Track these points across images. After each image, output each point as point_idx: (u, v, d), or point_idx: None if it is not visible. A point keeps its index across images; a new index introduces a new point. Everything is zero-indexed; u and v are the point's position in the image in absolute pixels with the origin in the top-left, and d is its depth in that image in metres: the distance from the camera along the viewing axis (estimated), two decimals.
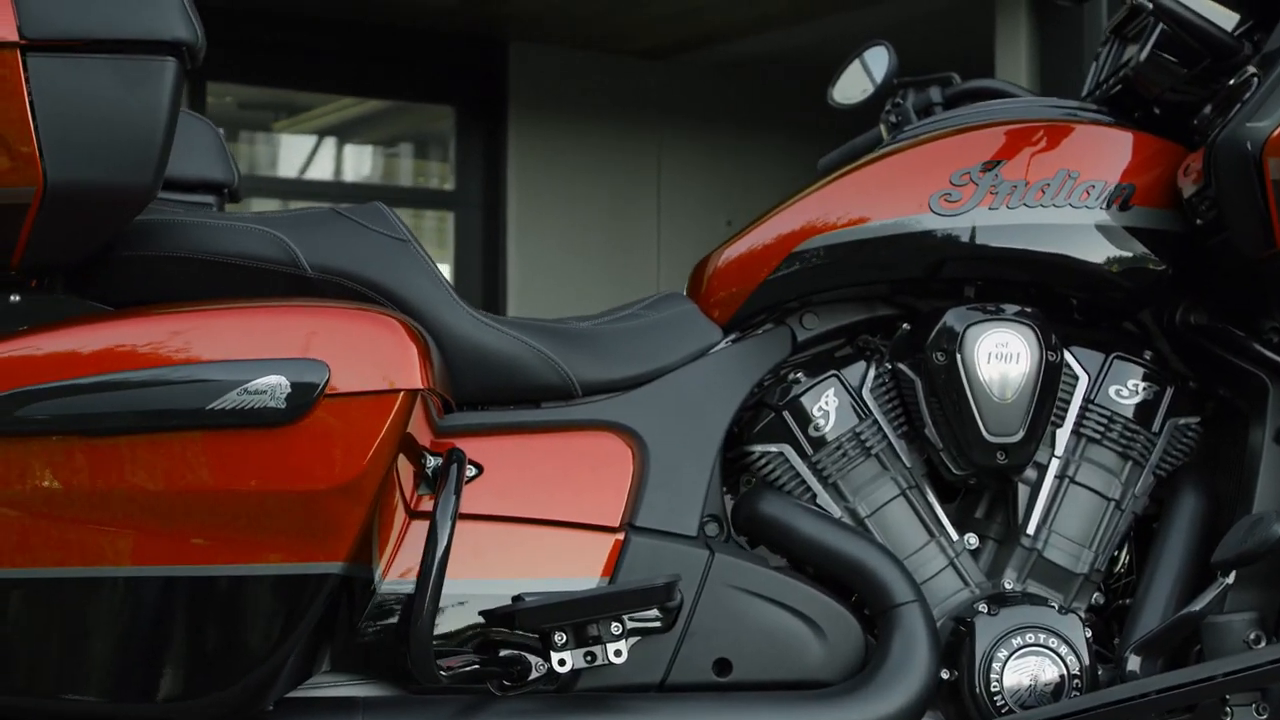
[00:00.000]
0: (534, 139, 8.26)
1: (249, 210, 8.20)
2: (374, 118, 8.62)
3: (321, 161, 8.69)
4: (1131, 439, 2.33)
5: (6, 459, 1.91)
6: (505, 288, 8.16)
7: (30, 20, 1.96)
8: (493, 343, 2.20)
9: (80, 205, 2.00)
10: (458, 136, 8.33)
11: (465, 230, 8.28)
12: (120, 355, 1.94)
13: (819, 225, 2.32)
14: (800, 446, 2.29)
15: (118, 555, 1.92)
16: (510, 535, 2.17)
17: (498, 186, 8.24)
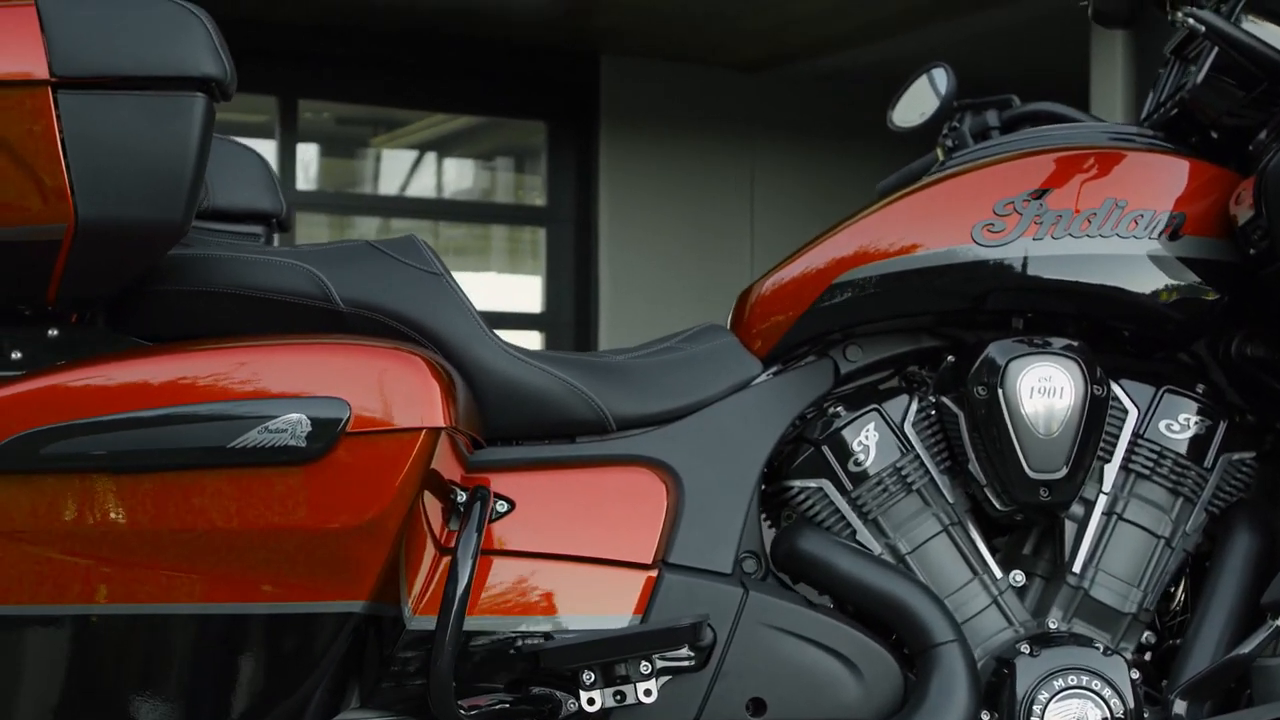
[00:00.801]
0: (626, 153, 8.25)
1: (350, 226, 8.28)
2: (467, 133, 8.66)
3: (414, 177, 8.74)
4: (1182, 475, 2.27)
5: (31, 496, 1.92)
6: (597, 304, 8.16)
7: (61, 58, 1.97)
8: (525, 377, 2.19)
9: (111, 241, 2.01)
10: (550, 151, 8.34)
11: (557, 246, 8.29)
12: (142, 393, 1.94)
13: (860, 256, 2.29)
14: (840, 482, 2.25)
15: (139, 593, 1.93)
16: (542, 572, 2.15)
17: (589, 201, 8.24)
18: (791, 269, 2.33)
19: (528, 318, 8.32)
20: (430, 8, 7.37)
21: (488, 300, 8.34)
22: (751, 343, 2.31)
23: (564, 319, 8.26)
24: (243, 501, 1.92)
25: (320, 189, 8.23)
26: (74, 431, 1.92)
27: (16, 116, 1.96)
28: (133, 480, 1.92)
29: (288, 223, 2.69)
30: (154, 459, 1.92)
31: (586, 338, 8.19)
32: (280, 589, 1.94)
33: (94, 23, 1.99)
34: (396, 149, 8.68)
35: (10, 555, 1.92)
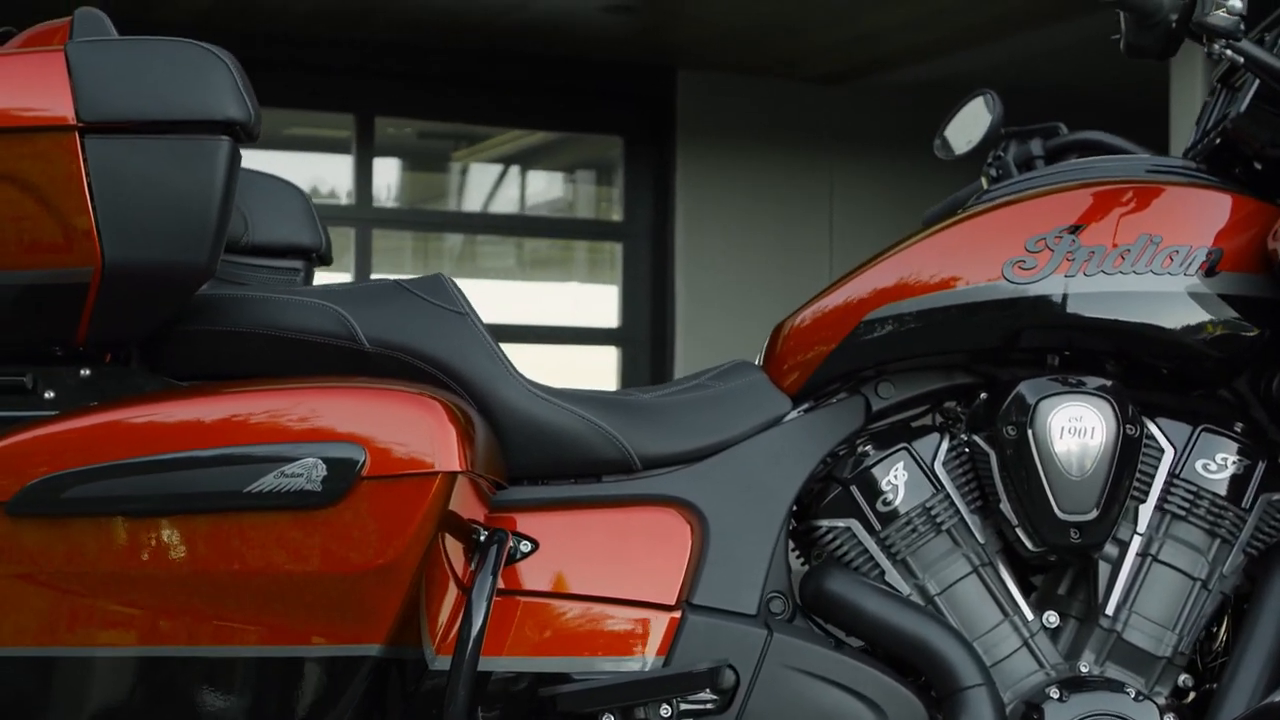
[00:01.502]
0: (703, 167, 8.24)
1: (428, 242, 8.32)
2: (544, 149, 8.68)
3: (490, 193, 8.77)
4: (1220, 516, 2.23)
5: (53, 539, 1.94)
6: (673, 319, 8.14)
7: (88, 104, 2.00)
8: (549, 417, 2.18)
9: (138, 284, 2.03)
10: (626, 166, 8.34)
11: (633, 261, 8.28)
12: (160, 437, 1.96)
13: (890, 292, 2.26)
14: (868, 521, 2.23)
15: (159, 636, 1.94)
16: (564, 612, 2.15)
17: (666, 216, 8.23)
18: (821, 305, 2.31)
19: (604, 333, 8.32)
20: (507, 24, 7.39)
21: (563, 315, 8.35)
22: (782, 380, 2.30)
23: (640, 335, 8.25)
24: (259, 545, 1.94)
25: (396, 205, 8.28)
26: (94, 476, 1.94)
27: (45, 161, 1.99)
28: (151, 524, 1.94)
29: (328, 256, 2.70)
30: (172, 503, 1.94)
31: (662, 354, 8.18)
32: (297, 632, 1.95)
33: (120, 68, 2.02)
34: (472, 165, 8.72)
35: (33, 597, 1.94)
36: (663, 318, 8.21)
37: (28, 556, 1.94)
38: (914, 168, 8.56)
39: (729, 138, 8.29)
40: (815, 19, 7.49)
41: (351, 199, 7.86)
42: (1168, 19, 2.20)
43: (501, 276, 8.54)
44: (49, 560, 1.94)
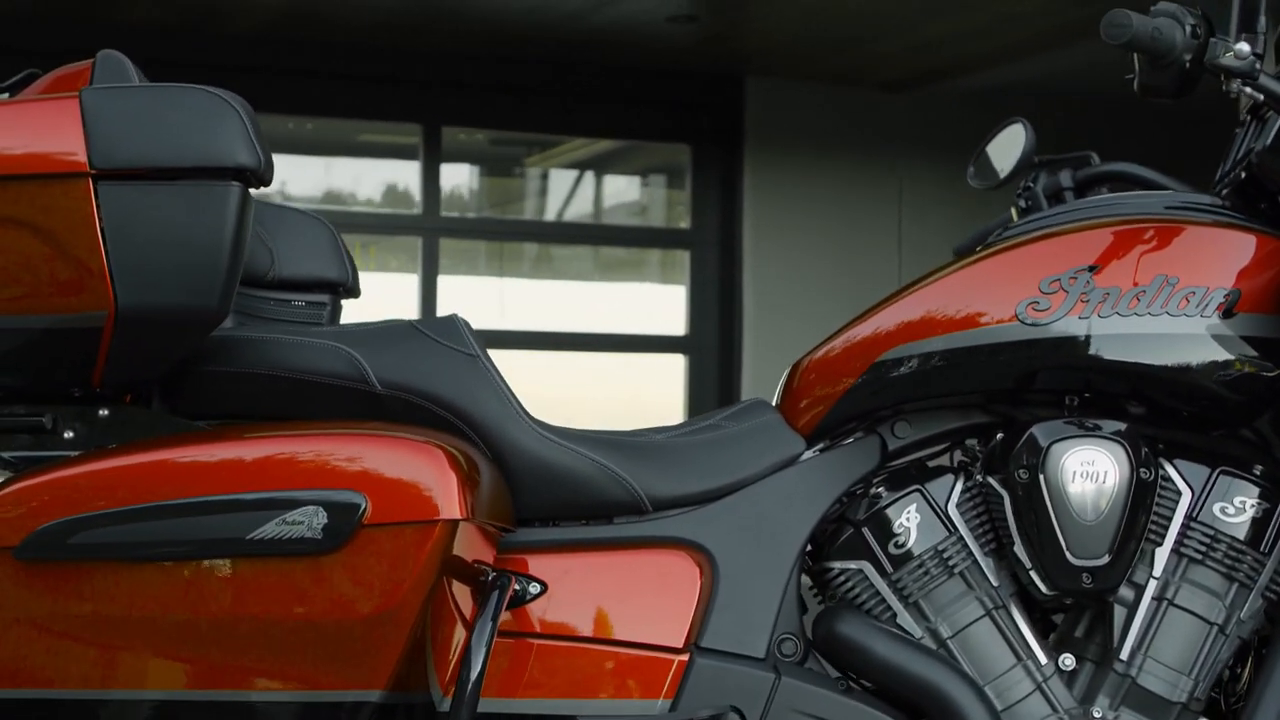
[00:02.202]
0: (770, 174, 8.22)
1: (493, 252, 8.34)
2: (610, 157, 8.70)
3: (556, 202, 8.79)
4: (1238, 559, 2.20)
5: (59, 583, 1.97)
6: (741, 327, 8.13)
7: (100, 151, 2.02)
8: (558, 459, 2.19)
9: (151, 328, 2.06)
10: (694, 173, 8.33)
11: (701, 268, 8.27)
12: (164, 483, 1.99)
13: (904, 333, 2.25)
14: (880, 564, 2.22)
15: (163, 680, 1.97)
16: (572, 655, 2.16)
17: (733, 224, 8.21)
18: (835, 345, 2.30)
19: (672, 340, 8.32)
20: (572, 35, 7.41)
21: (631, 323, 8.36)
22: (796, 420, 2.29)
23: (708, 342, 8.24)
24: (261, 591, 1.96)
25: (464, 214, 8.31)
26: (99, 522, 1.96)
27: (59, 207, 2.02)
28: (155, 569, 1.97)
29: (356, 289, 2.72)
30: (175, 549, 1.96)
31: (730, 361, 8.17)
32: (300, 677, 1.97)
33: (133, 115, 2.04)
34: (539, 174, 8.75)
35: (40, 641, 1.97)
36: (730, 325, 8.19)
37: (35, 600, 1.97)
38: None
39: (796, 145, 8.26)
40: (881, 27, 7.45)
41: (419, 208, 7.91)
42: (1181, 60, 2.18)
43: (568, 283, 8.55)
44: (55, 604, 1.97)
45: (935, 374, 2.24)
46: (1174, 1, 2.18)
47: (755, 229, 8.21)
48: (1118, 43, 2.15)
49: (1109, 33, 2.16)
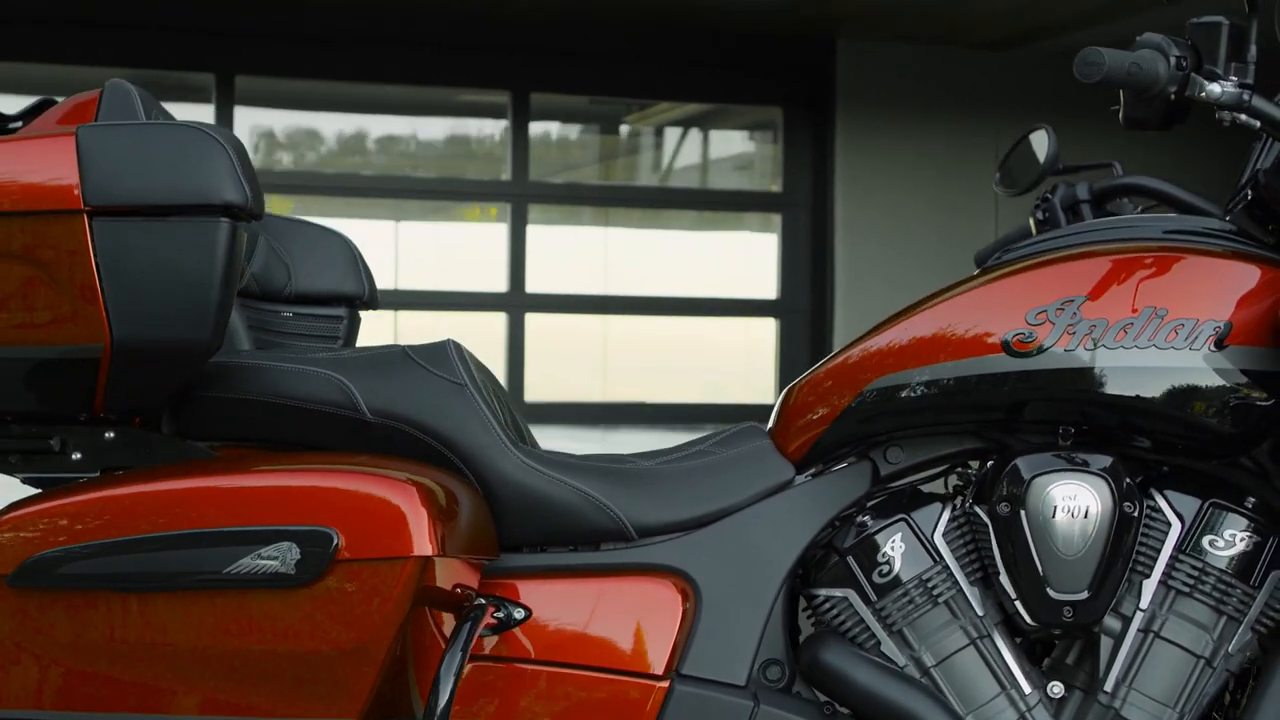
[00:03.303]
0: (862, 137, 8.16)
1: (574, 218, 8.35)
2: (702, 120, 8.68)
3: (646, 166, 8.80)
4: (1226, 593, 2.18)
5: (48, 610, 2.04)
6: (833, 291, 8.10)
7: (94, 189, 2.08)
8: (542, 487, 2.22)
9: (146, 359, 2.12)
10: (785, 136, 8.30)
11: (792, 232, 8.25)
12: (147, 516, 2.05)
13: (893, 362, 2.25)
14: (864, 592, 2.23)
15: (145, 705, 2.03)
16: (555, 680, 2.19)
17: (825, 186, 8.17)
18: (825, 372, 2.30)
19: (764, 305, 8.32)
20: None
21: (722, 288, 8.36)
22: (787, 445, 2.30)
23: (799, 306, 8.23)
24: (239, 622, 2.02)
25: (546, 179, 8.34)
26: (86, 554, 2.03)
27: (56, 242, 2.09)
28: (138, 599, 2.03)
29: (374, 301, 2.76)
30: (157, 581, 2.03)
31: (821, 326, 8.15)
32: (276, 706, 2.02)
33: (126, 153, 2.10)
34: (629, 139, 8.76)
35: (30, 663, 2.05)
36: (822, 289, 8.17)
37: (27, 625, 2.04)
38: (1079, 134, 8.37)
39: (889, 106, 8.20)
40: None
41: (508, 174, 7.96)
42: (1165, 92, 2.14)
43: (659, 248, 8.57)
44: (45, 630, 2.04)
45: (923, 403, 2.23)
46: (1159, 33, 2.15)
47: (847, 192, 8.17)
48: (1091, 81, 2.12)
49: (1081, 71, 2.14)
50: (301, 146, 8.29)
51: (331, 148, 8.38)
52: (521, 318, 7.91)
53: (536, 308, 7.93)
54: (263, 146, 8.01)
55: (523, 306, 7.90)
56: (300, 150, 8.28)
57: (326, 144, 8.36)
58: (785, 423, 2.31)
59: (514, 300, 7.90)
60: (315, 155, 8.32)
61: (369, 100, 8.12)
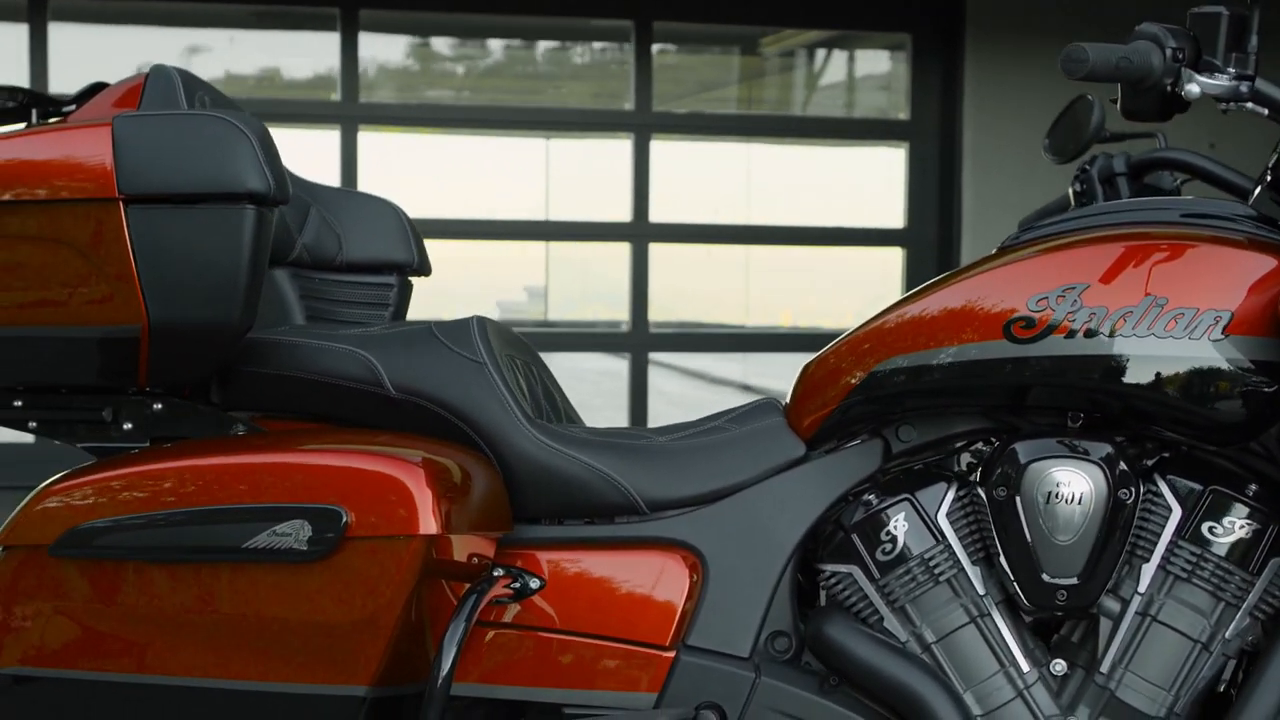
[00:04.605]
0: (992, 65, 8.06)
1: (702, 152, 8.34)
2: (829, 46, 8.63)
3: (775, 93, 8.78)
4: (1224, 579, 2.21)
5: (86, 578, 2.19)
6: (960, 223, 8.05)
7: (127, 178, 2.21)
8: (555, 463, 2.31)
9: (180, 339, 2.24)
10: (913, 64, 8.22)
11: (919, 163, 8.19)
12: (175, 493, 2.18)
13: (900, 344, 2.29)
14: (868, 569, 2.29)
15: (171, 667, 2.17)
16: (566, 647, 2.29)
17: (953, 115, 8.10)
18: (837, 351, 2.35)
19: (890, 234, 8.29)
20: None
21: (847, 217, 8.35)
22: (799, 423, 2.36)
23: (926, 237, 8.19)
24: (255, 593, 2.14)
25: (671, 110, 8.35)
26: (119, 527, 2.17)
27: (94, 228, 2.22)
28: (165, 570, 2.17)
29: (426, 268, 2.85)
30: (182, 554, 2.16)
31: (949, 257, 8.11)
32: (292, 671, 2.15)
33: (156, 144, 2.22)
34: (754, 66, 8.74)
35: (65, 628, 2.19)
36: (949, 219, 8.12)
37: (65, 592, 2.19)
38: None
39: (1020, 34, 8.08)
40: None
41: (631, 104, 8.00)
42: (1161, 84, 2.14)
43: (783, 177, 8.56)
44: (81, 596, 2.19)
45: (929, 385, 2.27)
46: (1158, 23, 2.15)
47: (976, 121, 8.09)
48: (1075, 77, 2.13)
49: (1066, 67, 2.15)
50: (423, 76, 8.40)
51: (455, 77, 8.48)
52: (645, 248, 7.98)
53: (661, 238, 7.99)
54: (385, 76, 8.13)
55: (646, 236, 7.96)
56: (422, 80, 8.39)
57: (448, 73, 8.47)
58: (798, 401, 2.37)
59: (638, 230, 7.96)
60: (438, 85, 8.43)
61: (491, 28, 8.21)
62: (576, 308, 8.82)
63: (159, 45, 7.91)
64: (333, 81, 7.79)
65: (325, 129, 7.82)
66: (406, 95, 8.21)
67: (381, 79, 8.11)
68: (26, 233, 2.23)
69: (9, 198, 2.22)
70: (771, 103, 8.76)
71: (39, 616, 2.20)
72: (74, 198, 2.22)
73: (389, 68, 8.23)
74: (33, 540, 2.20)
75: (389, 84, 8.17)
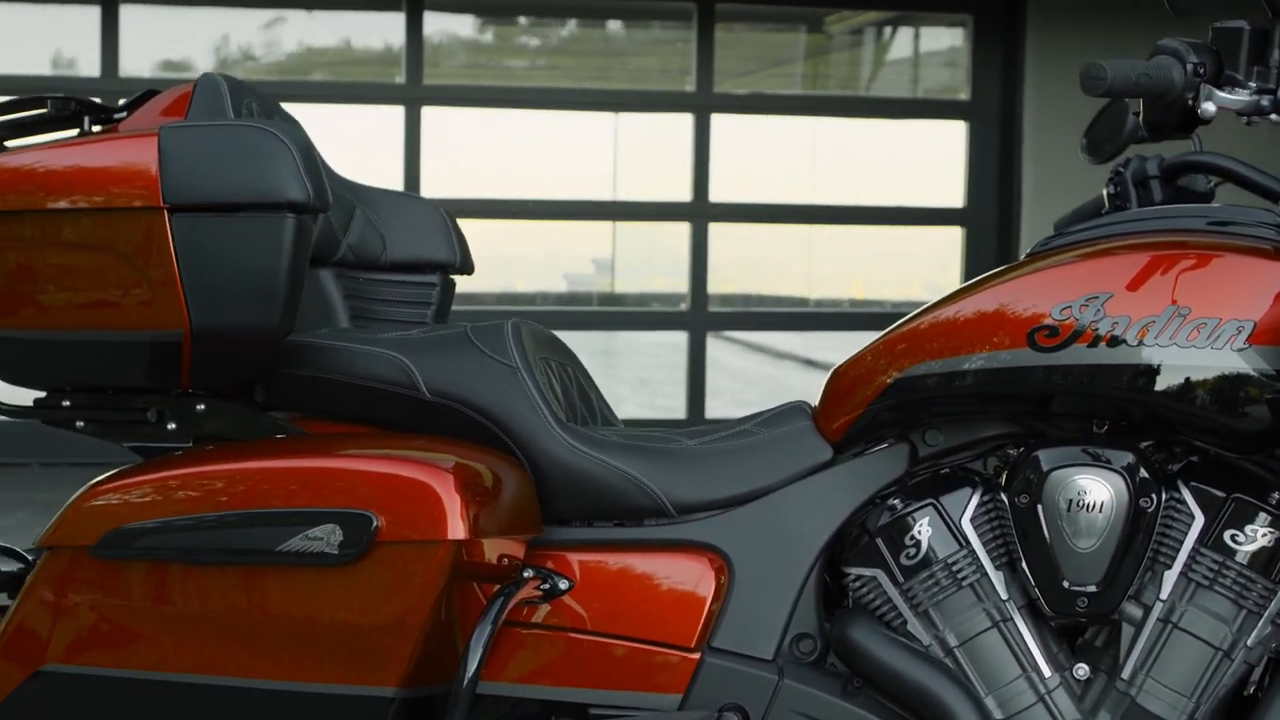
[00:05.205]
0: (1054, 45, 8.03)
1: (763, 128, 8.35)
2: (890, 25, 8.61)
3: (836, 72, 8.77)
4: (1246, 587, 2.22)
5: (127, 578, 2.25)
6: (1020, 203, 8.03)
7: (172, 188, 2.28)
8: (584, 467, 2.35)
9: (222, 343, 2.30)
10: (974, 43, 8.19)
11: (979, 142, 8.17)
12: (212, 496, 2.25)
13: (926, 350, 2.31)
14: (892, 573, 2.31)
15: (207, 666, 2.23)
16: (593, 648, 2.33)
17: (1014, 96, 8.07)
18: (864, 357, 2.38)
19: (950, 213, 8.28)
20: None
21: (906, 196, 8.34)
22: (827, 426, 2.38)
23: (986, 216, 8.18)
24: (288, 595, 2.20)
25: (731, 90, 8.37)
26: (158, 529, 2.24)
27: (139, 236, 2.29)
28: (202, 571, 2.23)
29: (469, 267, 2.90)
30: (218, 555, 2.22)
31: (1008, 238, 8.10)
32: (323, 672, 2.21)
33: (199, 154, 2.28)
34: (816, 45, 8.73)
35: (105, 627, 2.26)
36: (1009, 199, 8.10)
37: (105, 592, 2.26)
38: None
39: (1082, 13, 8.04)
40: None
41: (692, 85, 8.02)
42: (1183, 98, 2.15)
43: (844, 158, 8.57)
44: (120, 596, 2.26)
45: (955, 392, 2.29)
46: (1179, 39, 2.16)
47: (1037, 101, 8.06)
48: (1095, 94, 2.14)
49: (1084, 85, 2.16)
50: (485, 52, 8.45)
51: (517, 55, 8.52)
52: (705, 227, 8.01)
53: (720, 217, 8.02)
54: (447, 52, 8.17)
55: (706, 216, 7.99)
56: (483, 57, 8.44)
57: (511, 51, 8.51)
58: (826, 405, 2.40)
59: (698, 210, 8.00)
60: (500, 63, 8.47)
61: (554, 7, 8.25)
62: (643, 279, 8.86)
63: (226, 26, 8.00)
64: (398, 56, 7.84)
65: (390, 107, 7.89)
66: (470, 72, 8.25)
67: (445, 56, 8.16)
68: (75, 239, 2.30)
69: (61, 205, 2.29)
70: (837, 79, 8.75)
71: (81, 616, 2.27)
72: (121, 206, 2.28)
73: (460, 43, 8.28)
74: (75, 541, 2.27)
75: (452, 61, 8.23)
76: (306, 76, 8.22)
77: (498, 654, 2.31)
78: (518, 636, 2.33)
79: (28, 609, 2.29)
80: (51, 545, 2.29)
